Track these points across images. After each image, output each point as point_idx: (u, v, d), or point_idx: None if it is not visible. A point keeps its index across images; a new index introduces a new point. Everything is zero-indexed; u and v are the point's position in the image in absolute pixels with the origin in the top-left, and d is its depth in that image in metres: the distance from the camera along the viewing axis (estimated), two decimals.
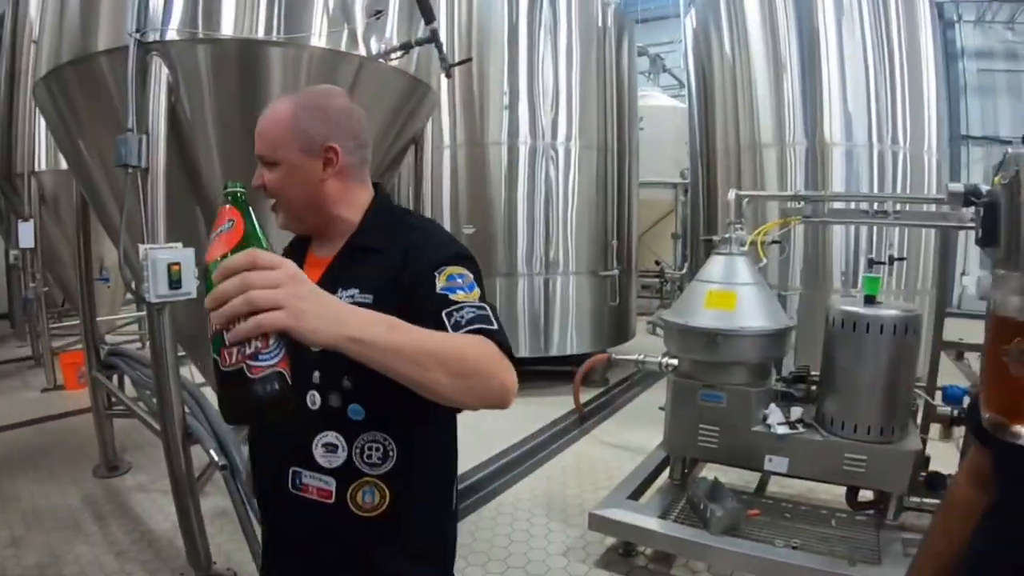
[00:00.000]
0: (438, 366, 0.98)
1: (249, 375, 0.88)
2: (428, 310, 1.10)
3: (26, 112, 6.34)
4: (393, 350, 0.96)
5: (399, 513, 1.24)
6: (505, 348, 1.08)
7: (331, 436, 1.22)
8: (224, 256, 0.90)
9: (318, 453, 1.22)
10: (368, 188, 1.34)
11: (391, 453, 1.22)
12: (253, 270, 0.88)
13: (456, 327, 1.07)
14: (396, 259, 1.21)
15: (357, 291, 1.21)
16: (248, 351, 0.88)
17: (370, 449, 1.22)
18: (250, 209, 0.96)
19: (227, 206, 0.95)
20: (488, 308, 1.13)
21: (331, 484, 1.22)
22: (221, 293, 0.87)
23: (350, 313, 0.96)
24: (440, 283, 1.14)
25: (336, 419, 1.22)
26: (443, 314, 1.09)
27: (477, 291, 1.15)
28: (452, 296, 1.12)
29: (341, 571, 1.29)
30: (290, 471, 1.26)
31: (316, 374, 1.22)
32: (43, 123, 5.64)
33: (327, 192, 1.26)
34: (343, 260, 1.28)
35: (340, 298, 1.10)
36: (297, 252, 1.36)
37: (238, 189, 0.96)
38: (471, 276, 1.17)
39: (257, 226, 0.95)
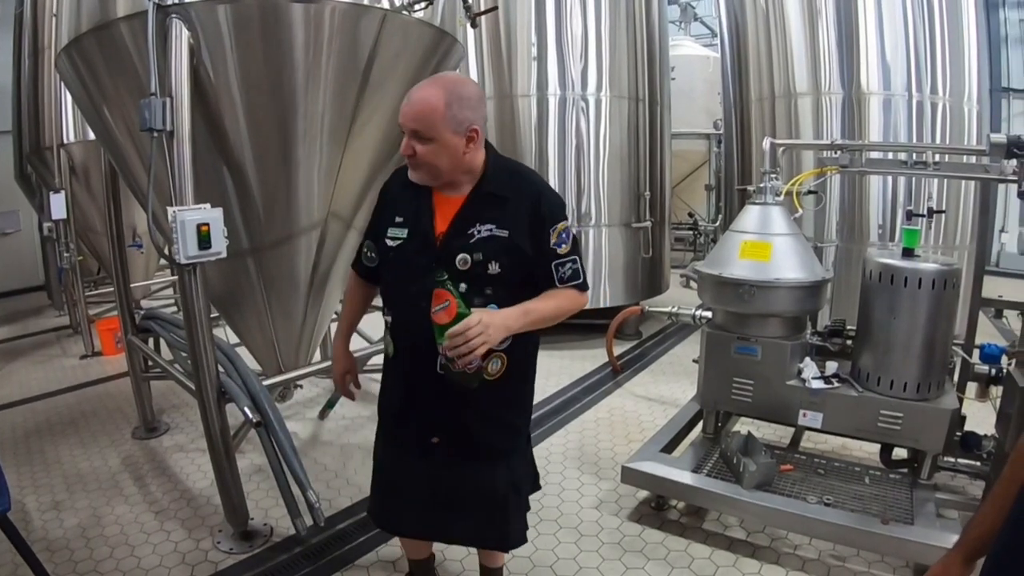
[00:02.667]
0: (551, 319, 1.81)
1: (466, 371, 1.69)
2: (545, 255, 1.78)
3: (51, 87, 6.40)
4: (532, 323, 1.77)
5: (510, 375, 1.86)
6: (584, 287, 1.85)
7: None
8: (447, 324, 1.62)
9: None
10: (483, 145, 1.80)
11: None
12: (469, 332, 1.59)
13: (561, 280, 1.80)
14: (525, 206, 1.76)
15: (494, 227, 1.73)
16: (467, 361, 1.65)
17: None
18: (454, 288, 1.64)
19: (439, 289, 1.63)
20: (578, 259, 1.82)
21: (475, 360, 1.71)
22: (459, 350, 1.61)
23: (505, 317, 1.68)
24: (552, 239, 1.78)
25: None
26: (552, 265, 1.79)
27: (571, 240, 1.81)
28: (559, 250, 1.79)
29: (477, 423, 1.88)
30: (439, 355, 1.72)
31: (463, 286, 1.71)
32: (69, 96, 5.70)
33: (465, 159, 1.72)
34: (475, 202, 1.77)
35: (479, 231, 1.74)
36: (413, 187, 1.82)
37: (445, 277, 1.64)
38: (568, 226, 1.80)
39: (460, 299, 1.63)
